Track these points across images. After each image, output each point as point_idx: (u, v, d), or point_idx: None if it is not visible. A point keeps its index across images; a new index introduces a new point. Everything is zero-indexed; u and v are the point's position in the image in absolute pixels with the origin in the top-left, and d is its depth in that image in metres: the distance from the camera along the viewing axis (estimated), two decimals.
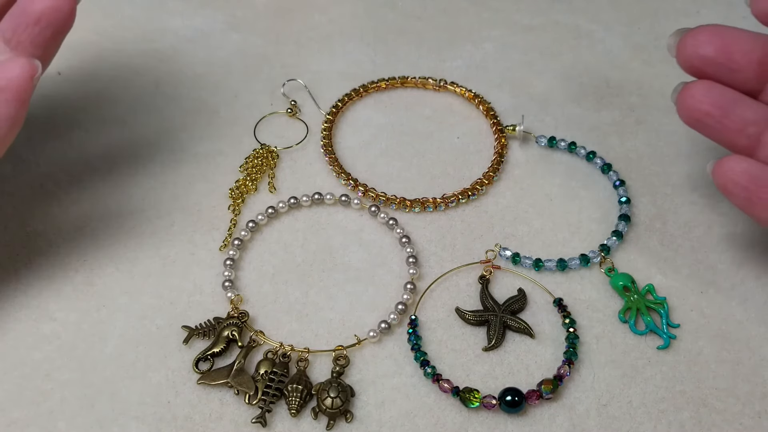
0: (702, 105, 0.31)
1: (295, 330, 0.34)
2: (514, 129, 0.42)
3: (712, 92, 0.31)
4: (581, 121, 0.44)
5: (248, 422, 0.31)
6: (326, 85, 0.46)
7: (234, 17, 0.51)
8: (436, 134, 0.44)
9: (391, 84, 0.46)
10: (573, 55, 0.49)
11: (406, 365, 0.33)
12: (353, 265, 0.37)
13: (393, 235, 0.38)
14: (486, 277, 0.36)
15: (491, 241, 0.38)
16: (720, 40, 0.31)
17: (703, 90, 0.31)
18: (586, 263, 0.37)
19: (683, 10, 0.52)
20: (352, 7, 0.52)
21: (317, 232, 0.38)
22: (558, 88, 0.46)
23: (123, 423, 0.31)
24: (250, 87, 0.46)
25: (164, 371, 0.33)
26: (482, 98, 0.45)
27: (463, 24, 0.51)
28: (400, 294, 0.36)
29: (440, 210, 0.39)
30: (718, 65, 0.31)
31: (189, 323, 0.34)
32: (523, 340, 0.34)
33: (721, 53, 0.31)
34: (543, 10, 0.52)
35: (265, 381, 0.32)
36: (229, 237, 0.38)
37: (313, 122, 0.44)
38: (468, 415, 0.32)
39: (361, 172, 0.41)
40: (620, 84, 0.47)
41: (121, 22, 0.51)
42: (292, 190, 0.40)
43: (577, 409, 0.32)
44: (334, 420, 0.31)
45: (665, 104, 0.45)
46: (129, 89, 0.46)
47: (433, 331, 0.34)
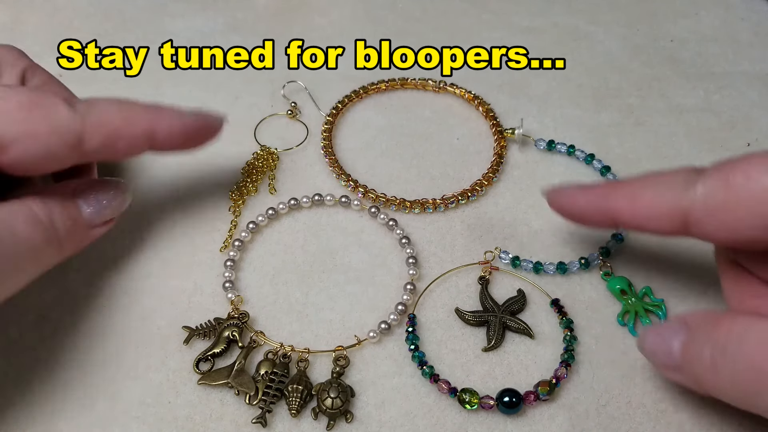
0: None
1: (295, 330, 0.35)
2: (513, 132, 0.42)
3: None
4: (580, 122, 0.44)
5: (248, 422, 0.31)
6: (326, 87, 0.46)
7: (234, 19, 0.52)
8: (435, 135, 0.44)
9: (391, 85, 0.46)
10: (572, 57, 0.49)
11: (406, 366, 0.33)
12: (353, 266, 0.37)
13: (393, 236, 0.38)
14: (485, 278, 0.36)
15: (491, 241, 0.38)
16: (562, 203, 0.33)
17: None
18: (587, 267, 0.37)
19: (682, 11, 0.53)
20: (352, 9, 0.52)
21: (317, 233, 0.39)
22: (557, 89, 0.47)
23: (123, 423, 0.31)
24: (250, 89, 0.46)
25: (165, 371, 0.33)
26: (482, 99, 0.45)
27: (463, 25, 0.51)
28: (399, 294, 0.36)
29: (440, 211, 0.40)
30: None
31: (190, 324, 0.34)
32: (522, 341, 0.34)
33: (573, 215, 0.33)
34: (542, 11, 0.52)
35: (265, 381, 0.32)
36: (229, 238, 0.38)
37: (313, 124, 0.44)
38: (467, 416, 0.32)
39: (361, 173, 0.41)
40: (619, 85, 0.47)
41: (122, 23, 0.51)
42: (293, 192, 0.40)
43: (576, 409, 0.32)
44: (334, 420, 0.31)
45: (664, 105, 0.46)
46: (129, 90, 0.46)
47: (432, 332, 0.35)
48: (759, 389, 0.25)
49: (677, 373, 0.29)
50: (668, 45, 0.50)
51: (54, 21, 0.51)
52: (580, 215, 0.33)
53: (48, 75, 0.35)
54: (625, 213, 0.30)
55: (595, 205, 0.32)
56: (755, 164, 0.27)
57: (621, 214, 0.31)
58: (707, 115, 0.45)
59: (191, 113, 0.33)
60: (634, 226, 0.31)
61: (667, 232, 0.30)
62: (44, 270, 0.30)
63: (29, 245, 0.28)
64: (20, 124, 0.28)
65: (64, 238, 0.30)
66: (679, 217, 0.29)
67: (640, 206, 0.30)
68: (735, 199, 0.27)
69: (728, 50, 0.49)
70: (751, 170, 0.27)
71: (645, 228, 0.30)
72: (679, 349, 0.28)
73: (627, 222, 0.31)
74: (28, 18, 0.52)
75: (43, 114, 0.28)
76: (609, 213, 0.31)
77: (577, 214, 0.33)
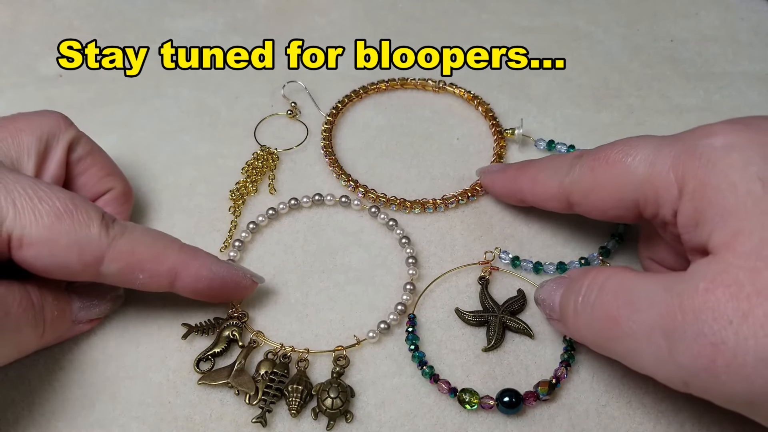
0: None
1: (295, 330, 0.35)
2: (513, 132, 0.42)
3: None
4: (580, 122, 0.44)
5: (248, 422, 0.31)
6: (326, 87, 0.46)
7: (234, 19, 0.52)
8: (435, 135, 0.44)
9: (390, 85, 0.46)
10: (572, 57, 0.49)
11: (406, 366, 0.33)
12: (353, 266, 0.37)
13: (393, 236, 0.38)
14: (485, 278, 0.36)
15: (491, 241, 0.38)
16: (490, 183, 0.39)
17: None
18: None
19: (682, 11, 0.53)
20: (351, 8, 0.52)
21: (317, 233, 0.39)
22: (557, 89, 0.47)
23: (123, 423, 0.31)
24: (250, 89, 0.46)
25: (165, 371, 0.33)
26: (481, 99, 0.45)
27: (463, 25, 0.51)
28: (399, 294, 0.36)
29: (440, 211, 0.40)
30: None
31: (189, 323, 0.34)
32: (522, 341, 0.34)
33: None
34: (542, 11, 0.52)
35: (265, 381, 0.32)
36: (229, 238, 0.38)
37: (313, 124, 0.44)
38: (467, 416, 0.32)
39: (361, 173, 0.41)
40: (619, 85, 0.47)
41: (122, 23, 0.51)
42: (293, 192, 0.40)
43: (576, 409, 0.32)
44: (334, 420, 0.31)
45: (664, 105, 0.46)
46: (129, 90, 0.46)
47: (432, 332, 0.35)
48: (612, 335, 0.27)
49: (558, 323, 0.31)
50: (668, 45, 0.50)
51: (54, 21, 0.51)
52: (498, 194, 0.39)
53: (93, 144, 0.35)
54: (528, 194, 0.35)
55: (507, 186, 0.37)
56: (617, 149, 0.29)
57: (525, 195, 0.36)
58: (707, 115, 0.45)
59: (226, 267, 0.33)
60: (536, 205, 0.36)
61: (558, 209, 0.34)
62: (20, 355, 0.30)
63: (16, 326, 0.28)
64: (44, 229, 0.28)
65: (48, 327, 0.30)
66: (564, 198, 0.32)
67: (537, 189, 0.34)
68: (600, 182, 0.30)
69: (728, 50, 0.49)
70: (612, 155, 0.29)
71: (543, 206, 0.35)
72: (558, 299, 0.30)
73: (530, 202, 0.36)
74: (28, 18, 0.52)
75: (71, 227, 0.28)
76: (517, 193, 0.36)
77: (496, 192, 0.39)
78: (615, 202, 0.30)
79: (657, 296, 0.25)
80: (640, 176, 0.28)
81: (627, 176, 0.29)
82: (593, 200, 0.31)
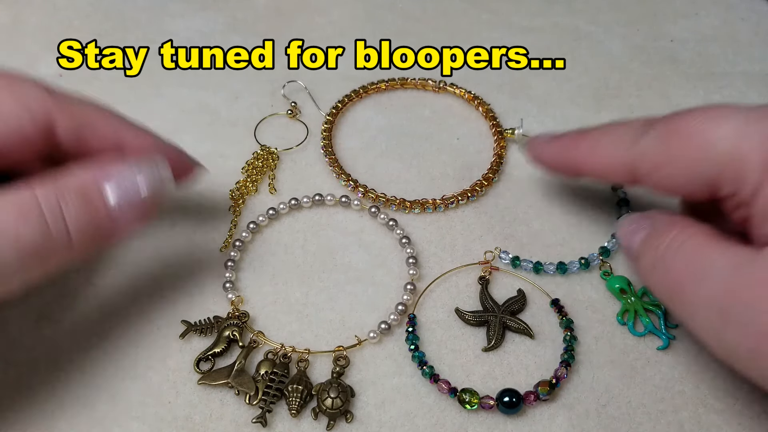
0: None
1: (295, 330, 0.35)
2: (513, 132, 0.42)
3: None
4: (580, 122, 0.44)
5: (248, 422, 0.31)
6: (326, 87, 0.46)
7: (234, 19, 0.52)
8: (435, 135, 0.44)
9: (391, 85, 0.46)
10: (572, 57, 0.49)
11: (406, 366, 0.33)
12: (353, 266, 0.37)
13: (393, 236, 0.38)
14: (485, 278, 0.36)
15: (491, 241, 0.38)
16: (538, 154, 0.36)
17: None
18: (586, 267, 0.37)
19: (682, 11, 0.53)
20: (351, 8, 0.52)
21: (317, 233, 0.39)
22: (557, 89, 0.47)
23: (123, 423, 0.31)
24: (250, 88, 0.46)
25: (165, 371, 0.33)
26: (482, 99, 0.45)
27: (463, 25, 0.51)
28: (400, 294, 0.36)
29: (440, 211, 0.40)
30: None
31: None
32: (522, 341, 0.34)
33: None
34: (542, 11, 0.52)
35: (265, 381, 0.32)
36: (229, 238, 0.38)
37: (313, 123, 0.44)
38: (467, 416, 0.32)
39: (361, 173, 0.41)
40: (619, 85, 0.47)
41: (122, 23, 0.51)
42: (293, 192, 0.40)
43: (576, 409, 0.32)
44: (334, 420, 0.31)
45: (664, 105, 0.46)
46: (129, 90, 0.46)
47: (432, 332, 0.35)
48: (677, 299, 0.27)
49: (634, 261, 0.30)
50: (668, 45, 0.50)
51: (54, 21, 0.51)
52: (548, 166, 0.35)
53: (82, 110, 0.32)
54: (585, 165, 0.32)
55: (559, 156, 0.34)
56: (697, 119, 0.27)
57: (582, 166, 0.32)
58: None
59: (171, 144, 0.33)
60: (593, 176, 0.32)
61: (621, 181, 0.31)
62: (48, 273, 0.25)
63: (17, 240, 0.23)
64: None
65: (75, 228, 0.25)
66: (630, 169, 0.30)
67: (597, 159, 0.31)
68: (675, 154, 0.27)
69: (728, 50, 0.49)
70: (692, 125, 0.27)
71: (603, 178, 0.32)
72: (638, 242, 0.29)
73: (587, 172, 0.32)
74: (28, 18, 0.52)
75: (14, 91, 0.28)
76: (572, 165, 0.33)
77: (546, 164, 0.35)
78: (690, 177, 0.27)
79: (725, 273, 0.25)
80: (723, 152, 0.26)
81: (707, 151, 0.26)
82: (665, 174, 0.28)
